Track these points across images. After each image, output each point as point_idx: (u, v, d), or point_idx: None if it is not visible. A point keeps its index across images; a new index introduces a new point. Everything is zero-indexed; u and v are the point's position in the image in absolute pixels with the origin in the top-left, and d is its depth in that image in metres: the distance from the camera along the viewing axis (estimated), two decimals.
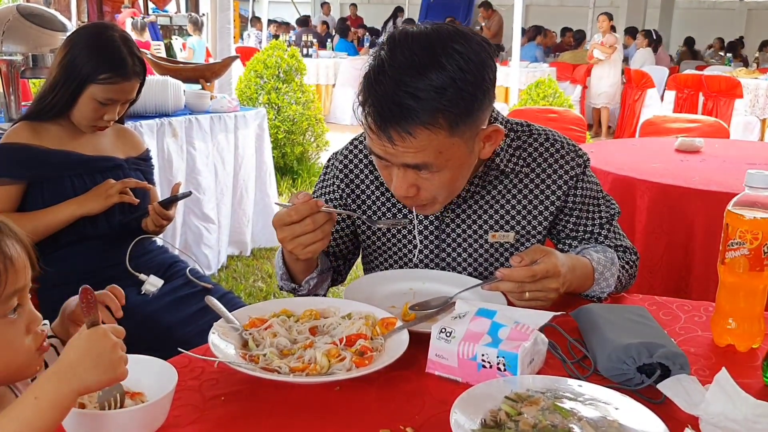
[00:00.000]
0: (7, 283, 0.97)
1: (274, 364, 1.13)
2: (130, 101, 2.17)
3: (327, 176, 1.68)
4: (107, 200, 2.06)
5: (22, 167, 2.02)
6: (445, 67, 1.24)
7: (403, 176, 1.35)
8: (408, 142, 1.26)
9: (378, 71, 1.28)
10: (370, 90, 1.28)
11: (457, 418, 0.96)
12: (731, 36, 14.92)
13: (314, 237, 1.33)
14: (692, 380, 1.09)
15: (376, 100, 1.26)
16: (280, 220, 1.33)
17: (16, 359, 1.00)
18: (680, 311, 1.48)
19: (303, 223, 1.32)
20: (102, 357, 0.91)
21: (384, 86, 1.26)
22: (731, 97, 7.94)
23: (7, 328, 0.99)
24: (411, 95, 1.24)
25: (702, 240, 2.58)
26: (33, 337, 1.02)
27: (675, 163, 3.09)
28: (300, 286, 1.52)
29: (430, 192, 1.38)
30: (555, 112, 4.56)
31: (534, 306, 1.33)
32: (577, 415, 0.98)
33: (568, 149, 1.58)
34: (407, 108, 1.24)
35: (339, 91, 10.79)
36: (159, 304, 1.99)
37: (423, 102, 1.24)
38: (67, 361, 0.91)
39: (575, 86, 10.45)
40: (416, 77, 1.24)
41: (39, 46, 3.07)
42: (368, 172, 1.62)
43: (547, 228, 1.59)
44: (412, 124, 1.25)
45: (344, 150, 1.66)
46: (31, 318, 1.03)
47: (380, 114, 1.26)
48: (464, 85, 1.26)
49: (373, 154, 1.37)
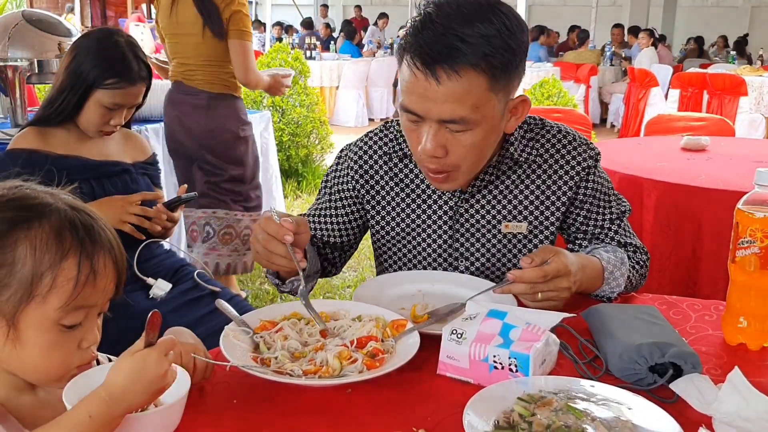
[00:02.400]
0: (79, 295, 0.96)
1: (286, 367, 1.14)
2: (136, 106, 2.18)
3: (340, 166, 1.69)
4: (122, 223, 2.02)
5: (30, 173, 2.02)
6: (491, 21, 1.32)
7: (434, 134, 1.37)
8: (454, 82, 1.31)
9: (425, 20, 1.34)
10: (417, 36, 1.33)
11: (470, 419, 0.96)
12: (735, 34, 14.89)
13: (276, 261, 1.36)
14: (705, 379, 1.09)
15: (425, 42, 1.31)
16: (255, 226, 1.37)
17: (55, 367, 0.99)
18: (690, 310, 1.48)
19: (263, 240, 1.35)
20: (153, 384, 0.93)
21: (432, 31, 1.32)
22: (736, 95, 7.91)
23: (59, 335, 0.97)
24: (459, 38, 1.30)
25: (709, 238, 2.58)
26: (80, 354, 1.00)
27: (681, 162, 3.08)
28: (283, 284, 1.53)
29: (456, 156, 1.40)
30: (560, 112, 4.55)
31: (546, 306, 1.33)
32: (591, 416, 0.98)
33: (580, 142, 1.60)
34: (456, 48, 1.30)
35: (343, 93, 10.79)
36: (167, 307, 2.00)
37: (471, 45, 1.30)
38: (121, 387, 0.91)
39: (579, 85, 10.44)
40: (464, 24, 1.31)
41: (44, 51, 3.08)
42: (382, 163, 1.63)
43: (559, 219, 1.60)
44: (460, 63, 1.30)
45: (359, 142, 1.67)
46: (87, 336, 1.00)
47: (429, 54, 1.31)
48: (508, 39, 1.33)
49: (406, 113, 1.39)
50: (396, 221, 1.64)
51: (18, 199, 0.98)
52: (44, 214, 0.97)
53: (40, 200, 0.99)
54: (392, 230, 1.65)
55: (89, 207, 1.04)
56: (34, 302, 0.94)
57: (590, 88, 10.58)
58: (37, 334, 0.96)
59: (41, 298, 0.94)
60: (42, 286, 0.94)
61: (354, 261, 4.86)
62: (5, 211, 0.96)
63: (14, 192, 0.99)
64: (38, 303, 0.94)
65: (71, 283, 0.95)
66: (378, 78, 11.25)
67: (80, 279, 0.95)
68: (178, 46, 3.31)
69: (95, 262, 0.97)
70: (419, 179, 1.61)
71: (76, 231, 0.97)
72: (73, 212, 0.99)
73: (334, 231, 1.69)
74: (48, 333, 0.96)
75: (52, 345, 0.97)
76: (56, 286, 0.94)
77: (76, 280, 0.95)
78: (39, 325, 0.95)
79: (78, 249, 0.96)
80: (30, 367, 0.99)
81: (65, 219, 0.97)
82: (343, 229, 1.69)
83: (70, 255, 0.95)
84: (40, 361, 0.98)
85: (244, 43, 3.22)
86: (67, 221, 0.97)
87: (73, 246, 0.96)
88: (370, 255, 4.90)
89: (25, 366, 0.98)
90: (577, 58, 11.28)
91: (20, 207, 0.97)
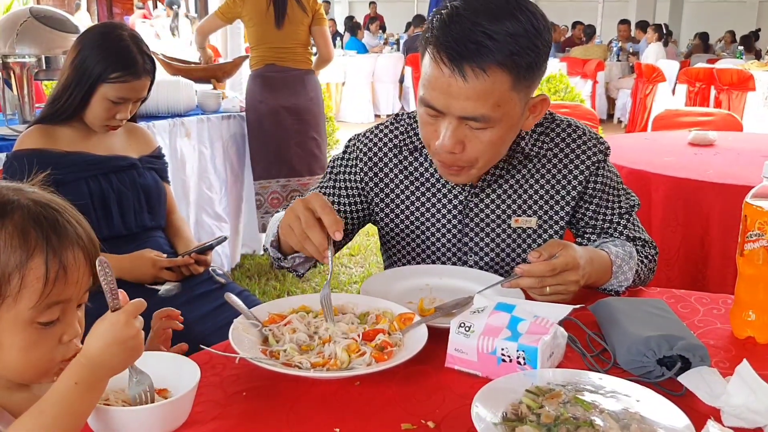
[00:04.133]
0: (51, 293, 0.95)
1: (295, 360, 1.14)
2: (141, 99, 2.19)
3: (348, 155, 1.68)
4: (155, 278, 2.05)
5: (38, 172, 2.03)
6: (519, 19, 1.32)
7: (453, 130, 1.37)
8: (480, 79, 1.30)
9: (453, 14, 1.34)
10: (444, 30, 1.33)
11: (478, 411, 0.96)
12: (742, 29, 14.81)
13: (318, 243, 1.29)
14: (713, 372, 1.09)
15: (452, 38, 1.31)
16: (316, 200, 1.29)
17: (37, 365, 0.98)
18: (699, 304, 1.47)
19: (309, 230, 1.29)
20: (126, 344, 0.93)
21: (460, 26, 1.31)
22: (744, 90, 7.88)
23: (36, 334, 0.96)
24: (487, 36, 1.30)
25: (718, 232, 2.57)
26: (62, 349, 1.00)
27: (689, 157, 3.08)
28: (285, 258, 1.52)
29: (474, 152, 1.40)
30: (566, 107, 4.54)
31: (554, 300, 1.33)
32: (599, 408, 0.98)
33: (590, 136, 1.60)
34: (484, 46, 1.30)
35: (349, 89, 10.79)
36: (177, 301, 2.00)
37: (498, 43, 1.30)
38: (97, 349, 0.91)
39: (586, 81, 10.42)
40: (492, 21, 1.31)
41: (52, 48, 3.08)
42: (392, 156, 1.63)
43: (569, 214, 1.60)
44: (487, 61, 1.30)
45: (368, 133, 1.67)
46: (67, 330, 1.00)
47: (457, 51, 1.30)
48: (534, 39, 1.33)
49: (426, 107, 1.38)
50: (405, 215, 1.64)
51: None
52: (6, 212, 0.95)
53: (2, 198, 0.96)
54: (401, 224, 1.65)
55: (59, 202, 1.01)
56: (5, 304, 0.93)
57: (597, 83, 10.56)
58: (13, 335, 0.95)
59: (12, 299, 0.93)
60: (11, 287, 0.93)
61: (360, 256, 4.87)
62: None
63: None
64: (10, 305, 0.93)
65: (40, 282, 0.94)
66: (384, 74, 11.24)
67: (50, 276, 0.94)
68: (272, 34, 4.02)
69: (64, 258, 0.96)
70: (429, 173, 1.61)
71: (41, 227, 0.95)
72: (37, 207, 0.97)
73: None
74: (24, 332, 0.95)
75: (30, 344, 0.96)
76: (26, 285, 0.93)
77: (45, 277, 0.94)
78: (13, 326, 0.95)
79: (44, 246, 0.94)
80: (12, 368, 0.98)
81: (29, 216, 0.95)
82: (344, 218, 1.68)
83: (36, 253, 0.94)
84: (20, 361, 0.97)
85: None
86: (30, 218, 0.95)
87: (38, 244, 0.94)
88: (377, 251, 4.91)
89: (8, 367, 0.98)
90: (584, 53, 11.25)
91: None
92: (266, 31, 4.05)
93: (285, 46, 4.08)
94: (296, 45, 4.11)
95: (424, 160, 1.61)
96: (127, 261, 2.02)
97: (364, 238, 5.11)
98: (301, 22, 4.08)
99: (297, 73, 4.13)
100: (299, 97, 4.13)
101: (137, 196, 2.19)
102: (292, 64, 4.11)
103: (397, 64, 11.45)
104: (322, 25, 4.20)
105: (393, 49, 12.78)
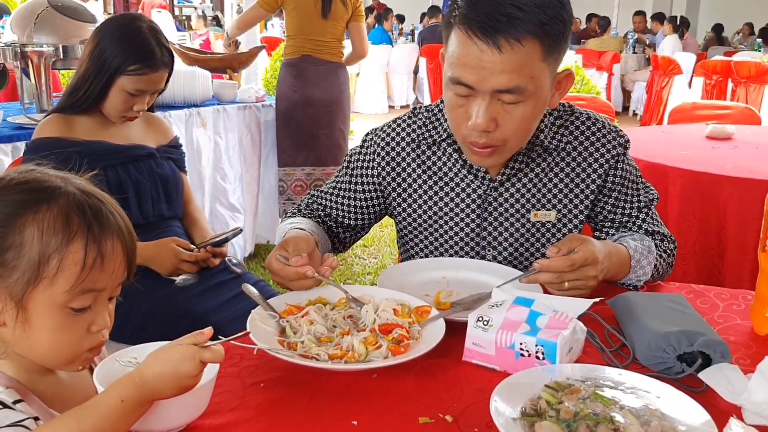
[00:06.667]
0: (86, 279, 0.96)
1: (313, 351, 1.14)
2: (159, 91, 2.19)
3: (366, 150, 1.68)
4: (175, 271, 2.05)
5: (56, 161, 2.03)
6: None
7: (487, 107, 1.37)
8: (515, 50, 1.31)
9: None
10: (472, 6, 1.34)
11: (497, 405, 0.96)
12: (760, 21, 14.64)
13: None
14: (734, 369, 1.08)
15: (482, 12, 1.32)
16: (271, 268, 1.36)
17: (65, 349, 0.99)
18: (718, 299, 1.46)
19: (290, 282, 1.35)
20: (184, 380, 0.93)
21: (488, 1, 1.33)
22: (762, 83, 7.78)
23: (67, 318, 0.97)
24: (516, 7, 1.31)
25: (735, 227, 2.55)
26: (90, 338, 1.00)
27: (706, 150, 3.05)
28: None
29: (507, 129, 1.40)
30: (583, 99, 4.51)
31: (573, 295, 1.32)
32: (619, 404, 0.97)
33: (609, 129, 1.59)
34: (515, 17, 1.31)
35: (363, 80, 10.77)
36: (194, 291, 2.01)
37: (527, 14, 1.31)
38: (153, 374, 0.92)
39: (602, 73, 10.35)
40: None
41: (69, 37, 3.09)
42: (410, 150, 1.62)
43: (588, 207, 1.59)
44: (521, 31, 1.31)
45: (386, 127, 1.67)
46: (96, 320, 1.00)
47: (489, 24, 1.31)
48: (559, 9, 1.35)
49: (457, 85, 1.38)
50: (423, 209, 1.63)
51: (28, 182, 0.98)
52: (53, 197, 0.97)
53: (49, 183, 0.99)
54: (419, 218, 1.64)
55: (103, 194, 1.03)
56: (41, 285, 0.94)
57: (613, 75, 10.48)
58: (46, 317, 0.96)
59: (49, 281, 0.94)
60: (49, 268, 0.94)
61: (374, 248, 4.87)
62: (15, 194, 0.96)
63: (25, 176, 0.99)
64: (46, 285, 0.94)
65: (78, 266, 0.95)
66: (399, 65, 11.21)
67: (87, 262, 0.95)
68: (314, 25, 4.11)
69: (103, 246, 0.97)
70: (447, 167, 1.60)
71: (84, 214, 0.97)
72: (83, 196, 0.99)
73: (350, 212, 1.69)
74: (56, 316, 0.96)
75: (60, 328, 0.97)
76: (63, 268, 0.94)
77: (83, 262, 0.95)
78: (47, 307, 0.96)
79: (85, 232, 0.96)
80: (39, 350, 0.99)
81: (73, 202, 0.97)
82: (359, 211, 1.68)
83: (77, 238, 0.95)
84: (49, 344, 0.98)
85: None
86: (75, 204, 0.97)
87: (80, 229, 0.96)
88: (391, 242, 4.91)
89: (35, 349, 0.98)
90: (599, 45, 11.17)
91: (30, 190, 0.97)
92: (309, 23, 4.13)
93: (324, 39, 4.16)
94: (334, 39, 4.21)
95: (443, 154, 1.60)
96: (151, 249, 2.03)
97: (378, 230, 5.11)
98: (342, 17, 4.17)
99: (331, 66, 4.22)
100: (332, 89, 4.23)
101: (155, 186, 2.19)
102: (328, 57, 4.20)
103: (411, 55, 11.40)
104: (359, 22, 4.30)
105: (408, 40, 12.72)
